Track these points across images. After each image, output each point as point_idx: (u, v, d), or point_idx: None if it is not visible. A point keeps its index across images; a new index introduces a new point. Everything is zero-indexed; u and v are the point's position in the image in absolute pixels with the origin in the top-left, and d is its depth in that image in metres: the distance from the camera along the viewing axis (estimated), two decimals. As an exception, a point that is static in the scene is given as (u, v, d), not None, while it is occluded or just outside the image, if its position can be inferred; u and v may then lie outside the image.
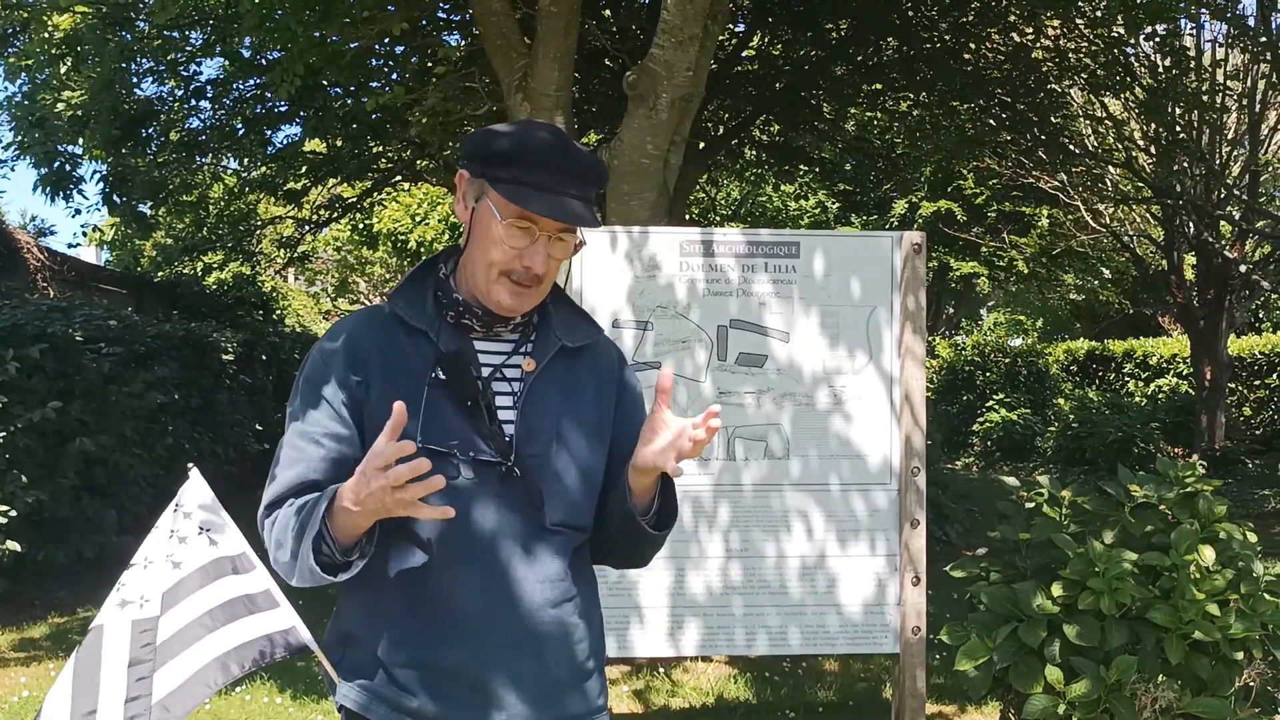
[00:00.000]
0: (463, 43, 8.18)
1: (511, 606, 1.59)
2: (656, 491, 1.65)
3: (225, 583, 1.73)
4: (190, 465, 1.85)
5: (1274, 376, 16.31)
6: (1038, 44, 8.67)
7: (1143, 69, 10.23)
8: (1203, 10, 8.35)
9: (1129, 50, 8.97)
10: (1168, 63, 9.32)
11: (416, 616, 1.59)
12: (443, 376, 1.60)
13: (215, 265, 14.82)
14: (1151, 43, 9.47)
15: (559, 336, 1.69)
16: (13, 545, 5.87)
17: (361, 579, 1.58)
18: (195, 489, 1.79)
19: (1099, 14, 7.93)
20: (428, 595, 1.59)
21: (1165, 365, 17.87)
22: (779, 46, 9.62)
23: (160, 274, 14.01)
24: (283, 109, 9.15)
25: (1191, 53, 10.70)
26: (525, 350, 1.68)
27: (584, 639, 1.68)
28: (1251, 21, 9.40)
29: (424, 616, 1.59)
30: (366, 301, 26.24)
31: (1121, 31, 7.90)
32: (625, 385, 1.77)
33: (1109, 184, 13.56)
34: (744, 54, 9.45)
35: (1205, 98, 9.68)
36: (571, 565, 1.66)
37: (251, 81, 8.91)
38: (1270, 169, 13.94)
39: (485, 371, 1.64)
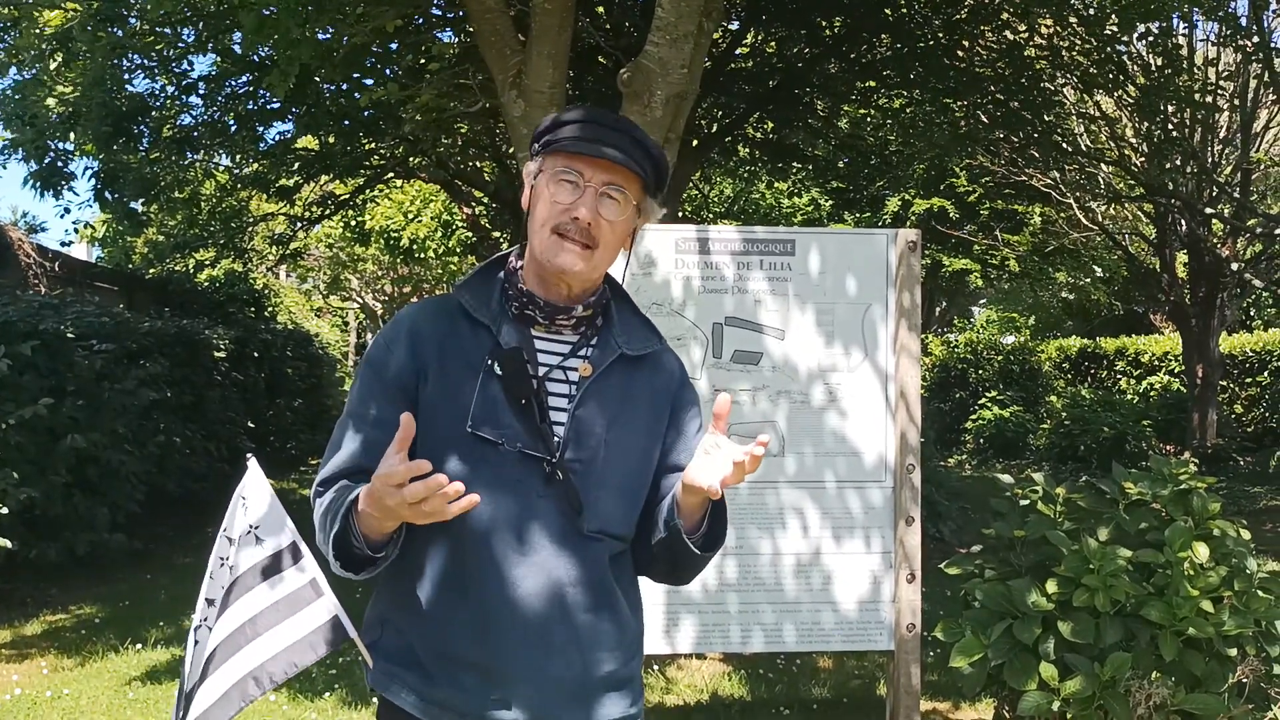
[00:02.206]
0: (456, 39, 8.16)
1: (542, 607, 1.59)
2: (706, 512, 1.64)
3: (266, 587, 1.73)
4: (249, 455, 1.83)
5: (1265, 374, 16.37)
6: (1031, 42, 8.68)
7: (1135, 68, 10.24)
8: (1195, 9, 8.36)
9: (1122, 49, 8.98)
10: (1160, 62, 9.33)
11: (448, 609, 1.60)
12: (499, 372, 1.60)
13: (207, 262, 14.72)
14: (1144, 42, 9.48)
15: (619, 344, 1.69)
16: (4, 542, 5.84)
17: (399, 567, 1.60)
18: (252, 481, 1.77)
19: (1092, 12, 7.94)
20: (460, 588, 1.59)
21: (1157, 363, 17.93)
22: (773, 44, 9.60)
23: (152, 271, 13.93)
24: (275, 105, 9.10)
25: (1184, 52, 10.73)
26: (585, 354, 1.67)
27: (617, 647, 1.66)
28: (1244, 21, 9.41)
29: (455, 609, 1.60)
30: (359, 299, 26.17)
31: (1115, 30, 7.91)
32: (682, 400, 1.76)
33: (1101, 182, 13.60)
34: (738, 51, 9.43)
35: (1197, 97, 9.69)
36: (610, 573, 1.65)
37: (244, 78, 8.87)
38: (1262, 167, 13.99)
39: (543, 370, 1.64)
